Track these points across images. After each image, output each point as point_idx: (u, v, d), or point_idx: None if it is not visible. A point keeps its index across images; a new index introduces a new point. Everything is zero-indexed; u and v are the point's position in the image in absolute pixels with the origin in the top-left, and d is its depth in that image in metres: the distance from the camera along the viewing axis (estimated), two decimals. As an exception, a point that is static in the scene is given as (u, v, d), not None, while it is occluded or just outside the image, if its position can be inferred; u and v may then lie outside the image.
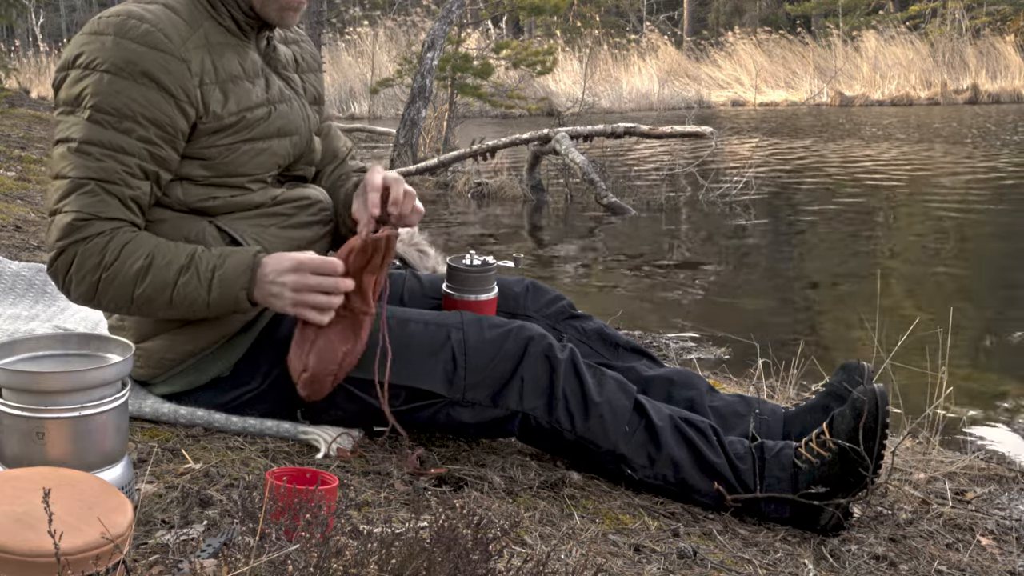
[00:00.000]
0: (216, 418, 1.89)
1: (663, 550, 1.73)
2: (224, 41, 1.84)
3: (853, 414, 1.91)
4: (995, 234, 7.27)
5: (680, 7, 29.44)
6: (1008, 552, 2.02)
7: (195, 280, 1.75)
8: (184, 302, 1.76)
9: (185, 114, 1.77)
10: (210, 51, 1.81)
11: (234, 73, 1.84)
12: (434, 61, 10.10)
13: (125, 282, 1.74)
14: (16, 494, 1.16)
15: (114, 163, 1.73)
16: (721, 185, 8.67)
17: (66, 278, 1.76)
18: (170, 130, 1.76)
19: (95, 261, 1.73)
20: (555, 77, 18.23)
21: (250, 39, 1.90)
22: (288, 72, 2.00)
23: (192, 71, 1.76)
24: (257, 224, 1.88)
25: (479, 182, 9.03)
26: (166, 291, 1.75)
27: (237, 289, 1.76)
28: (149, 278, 1.73)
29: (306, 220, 1.96)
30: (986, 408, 3.57)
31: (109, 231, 1.74)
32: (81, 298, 1.79)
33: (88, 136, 1.72)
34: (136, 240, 1.75)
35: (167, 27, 1.75)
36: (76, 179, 1.72)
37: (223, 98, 1.81)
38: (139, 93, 1.72)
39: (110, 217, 1.74)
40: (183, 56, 1.75)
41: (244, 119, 1.84)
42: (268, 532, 1.21)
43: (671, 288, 5.63)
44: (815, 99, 21.63)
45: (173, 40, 1.75)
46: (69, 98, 1.75)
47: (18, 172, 5.51)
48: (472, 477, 1.86)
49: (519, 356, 1.89)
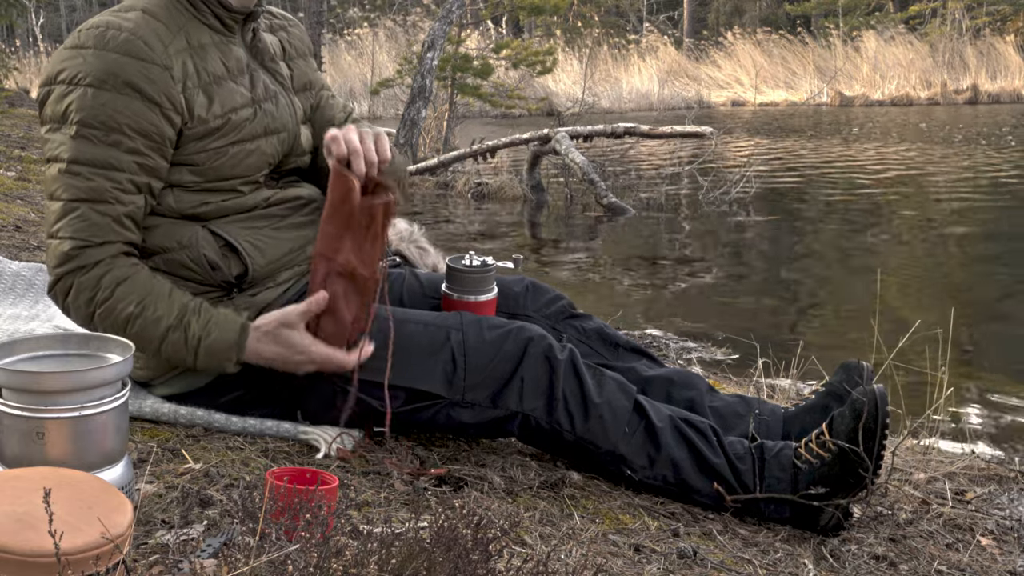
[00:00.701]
0: (216, 418, 1.89)
1: (663, 550, 1.73)
2: (207, 41, 1.83)
3: (853, 415, 1.91)
4: (996, 234, 7.27)
5: (680, 7, 29.43)
6: (1008, 552, 2.02)
7: (183, 342, 1.78)
8: (170, 355, 1.81)
9: (171, 121, 1.77)
10: (192, 54, 1.80)
11: (218, 74, 1.83)
12: (434, 61, 10.10)
13: (117, 322, 1.77)
14: (16, 494, 1.16)
15: (104, 181, 1.73)
16: (721, 185, 8.67)
17: (64, 305, 1.80)
18: (157, 139, 1.76)
19: (88, 296, 1.76)
20: (555, 77, 18.23)
21: (234, 33, 1.89)
22: (274, 64, 1.99)
23: (175, 77, 1.76)
24: (250, 227, 1.88)
25: (479, 182, 9.03)
26: (154, 343, 1.79)
27: (221, 358, 1.80)
28: (138, 328, 1.76)
29: (300, 221, 1.96)
30: (986, 408, 3.57)
31: (107, 260, 1.75)
32: (80, 324, 1.83)
33: (76, 155, 1.72)
34: (131, 281, 1.76)
35: (146, 34, 1.75)
36: (68, 202, 1.74)
37: (207, 101, 1.80)
38: (123, 104, 1.72)
39: (104, 241, 1.75)
40: (164, 63, 1.75)
41: (230, 121, 1.84)
42: (268, 532, 1.21)
43: (671, 288, 5.63)
44: (815, 99, 21.63)
45: (154, 47, 1.75)
46: (55, 115, 1.75)
47: (18, 172, 5.51)
48: (472, 477, 1.86)
49: (519, 357, 1.89)
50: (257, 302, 1.90)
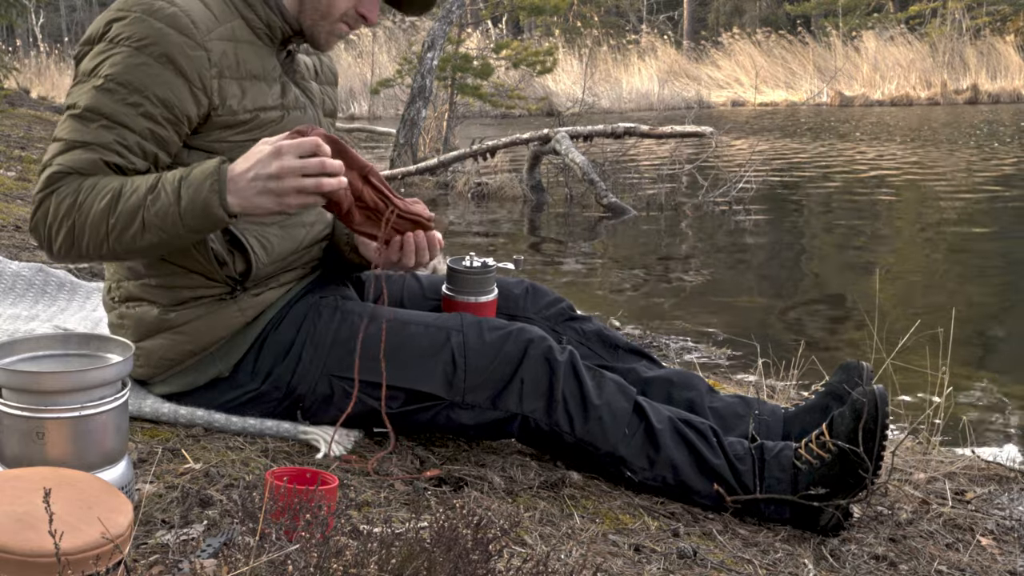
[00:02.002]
0: (216, 418, 1.89)
1: (663, 550, 1.73)
2: (249, 40, 1.84)
3: (853, 415, 1.91)
4: (997, 234, 7.27)
5: (680, 7, 29.44)
6: (1008, 552, 2.02)
7: (163, 194, 1.65)
8: (156, 221, 1.66)
9: (197, 101, 1.75)
10: (235, 46, 1.80)
11: (254, 72, 1.83)
12: (434, 61, 10.10)
13: (97, 217, 1.68)
14: (16, 494, 1.16)
15: (112, 135, 1.71)
16: (721, 185, 8.68)
17: (46, 229, 1.71)
18: (177, 112, 1.74)
19: (69, 203, 1.68)
20: (555, 77, 18.24)
21: (273, 46, 1.90)
22: (306, 81, 2.00)
23: (212, 61, 1.76)
24: (259, 222, 1.88)
25: (479, 182, 9.03)
26: (138, 214, 1.66)
27: (206, 192, 1.64)
28: (120, 206, 1.67)
29: (308, 219, 1.97)
30: (986, 408, 3.57)
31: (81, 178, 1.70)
32: (62, 248, 1.72)
33: (93, 104, 1.70)
34: (106, 178, 1.70)
35: (195, 14, 1.75)
36: (71, 141, 1.71)
37: (240, 93, 1.80)
38: (155, 72, 1.71)
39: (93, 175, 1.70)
40: (205, 45, 1.75)
41: (258, 118, 1.84)
42: (268, 532, 1.21)
43: (671, 288, 5.63)
44: (815, 99, 21.64)
45: (199, 27, 1.75)
46: (86, 70, 1.74)
47: (18, 172, 5.51)
48: (472, 477, 1.86)
49: (519, 358, 1.89)
50: (260, 302, 1.90)
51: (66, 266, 3.17)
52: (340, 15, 1.87)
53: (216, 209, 1.64)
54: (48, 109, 12.10)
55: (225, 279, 1.86)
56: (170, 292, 1.86)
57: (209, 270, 1.84)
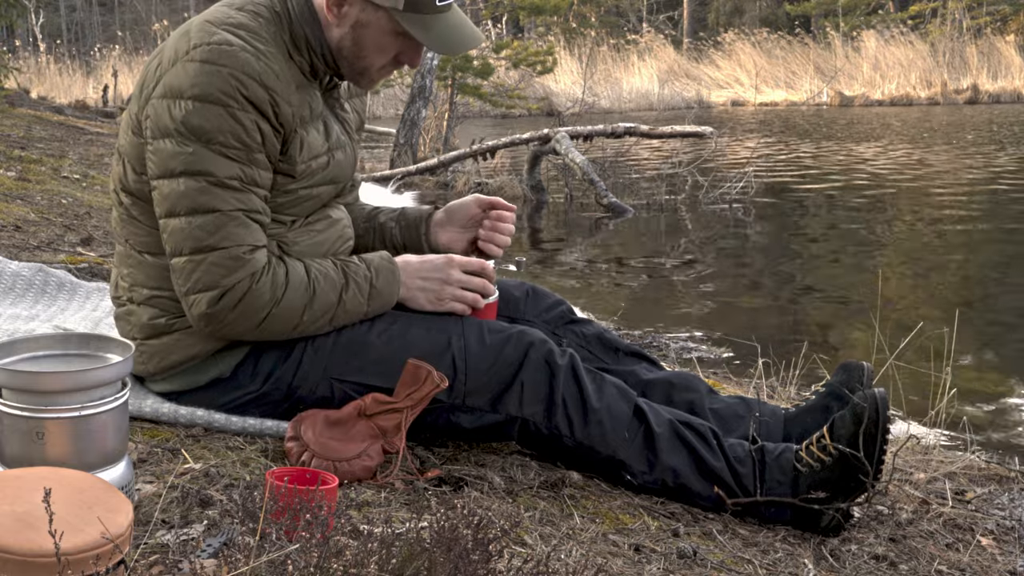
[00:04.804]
0: (216, 418, 1.89)
1: (663, 550, 1.73)
2: (301, 82, 1.84)
3: (853, 419, 1.91)
4: (997, 233, 7.27)
5: (680, 7, 29.45)
6: (1008, 552, 2.02)
7: (356, 295, 1.85)
8: (343, 318, 1.86)
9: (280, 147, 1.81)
10: (300, 91, 1.82)
11: (306, 116, 1.85)
12: (434, 61, 10.10)
13: (293, 312, 1.81)
14: (17, 494, 1.16)
15: (252, 195, 1.77)
16: (721, 185, 8.68)
17: (233, 312, 1.78)
18: (273, 159, 1.80)
19: (267, 297, 1.78)
20: (555, 77, 18.24)
21: (316, 81, 1.90)
22: (344, 112, 2.00)
23: (294, 113, 1.79)
24: (286, 239, 1.90)
25: (479, 182, 9.03)
26: (331, 311, 1.84)
27: (388, 295, 1.89)
28: (316, 305, 1.82)
29: (333, 236, 1.98)
30: (986, 408, 3.57)
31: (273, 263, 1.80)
32: (242, 333, 1.83)
33: (228, 172, 1.73)
34: (293, 269, 1.82)
35: (277, 66, 1.76)
36: (227, 212, 1.75)
37: (300, 144, 1.83)
38: (259, 127, 1.74)
39: (264, 244, 1.80)
40: (288, 99, 1.78)
41: (309, 168, 1.86)
42: (268, 532, 1.21)
43: (671, 288, 5.63)
44: (815, 99, 21.65)
45: (282, 80, 1.77)
46: (189, 128, 1.72)
47: (18, 172, 5.50)
48: (472, 477, 1.86)
49: (519, 362, 1.89)
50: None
51: (66, 266, 3.17)
52: (378, 69, 1.90)
53: (392, 302, 1.91)
54: (48, 109, 12.07)
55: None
56: (180, 304, 1.86)
57: None
